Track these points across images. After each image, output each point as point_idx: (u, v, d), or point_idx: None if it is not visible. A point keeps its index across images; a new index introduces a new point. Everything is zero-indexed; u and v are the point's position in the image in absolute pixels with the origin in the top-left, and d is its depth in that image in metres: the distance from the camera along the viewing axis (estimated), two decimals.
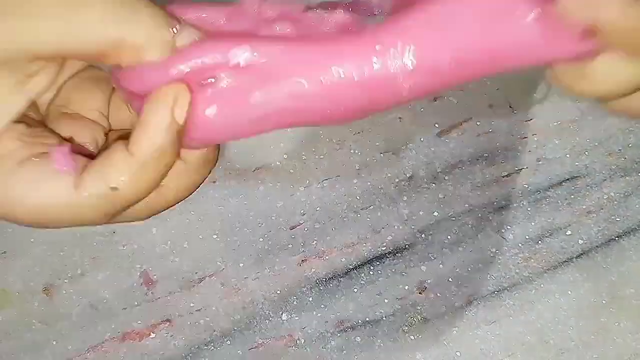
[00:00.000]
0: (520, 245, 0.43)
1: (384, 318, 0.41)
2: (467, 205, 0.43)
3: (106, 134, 0.28)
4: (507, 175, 0.44)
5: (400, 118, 0.44)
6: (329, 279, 0.42)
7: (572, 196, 0.43)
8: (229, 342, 0.41)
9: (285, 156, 0.44)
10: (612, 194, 0.44)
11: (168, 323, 0.41)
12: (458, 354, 0.41)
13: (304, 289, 0.42)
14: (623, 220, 0.43)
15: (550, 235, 0.43)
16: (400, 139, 0.44)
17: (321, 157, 0.44)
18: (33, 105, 0.27)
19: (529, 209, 0.43)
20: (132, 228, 0.42)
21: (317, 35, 0.25)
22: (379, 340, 0.41)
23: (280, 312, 0.41)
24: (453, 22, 0.23)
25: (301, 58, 0.24)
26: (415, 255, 0.42)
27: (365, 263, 0.42)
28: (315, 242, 0.42)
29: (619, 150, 0.44)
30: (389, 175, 0.44)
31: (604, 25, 0.23)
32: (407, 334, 0.41)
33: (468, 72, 0.24)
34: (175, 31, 0.24)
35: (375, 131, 0.44)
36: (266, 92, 0.24)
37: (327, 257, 0.42)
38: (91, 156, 0.26)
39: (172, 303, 0.41)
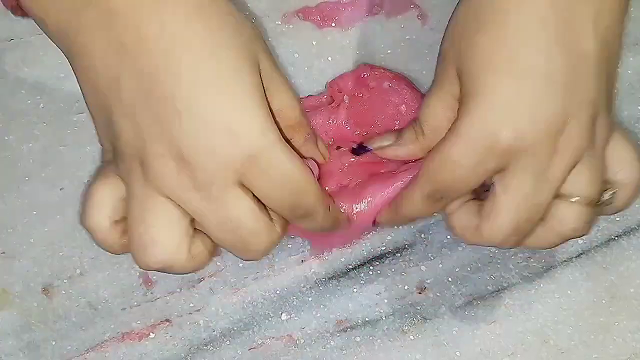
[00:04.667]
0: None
1: (384, 318, 0.41)
2: None
3: None
4: None
5: None
6: (329, 278, 0.42)
7: None
8: (228, 342, 0.41)
9: None
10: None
11: (167, 323, 0.41)
12: (458, 354, 0.41)
13: (304, 289, 0.42)
14: (623, 220, 0.43)
15: None
16: None
17: None
18: None
19: None
20: None
21: None
22: (378, 340, 0.41)
23: (280, 312, 0.41)
24: None
25: None
26: (415, 255, 0.42)
27: (364, 263, 0.42)
28: None
29: None
30: None
31: None
32: (406, 334, 0.41)
33: None
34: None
35: None
36: None
37: (326, 257, 0.42)
38: None
39: (172, 303, 0.41)
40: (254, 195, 0.33)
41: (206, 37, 0.32)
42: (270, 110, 0.34)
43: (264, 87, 0.34)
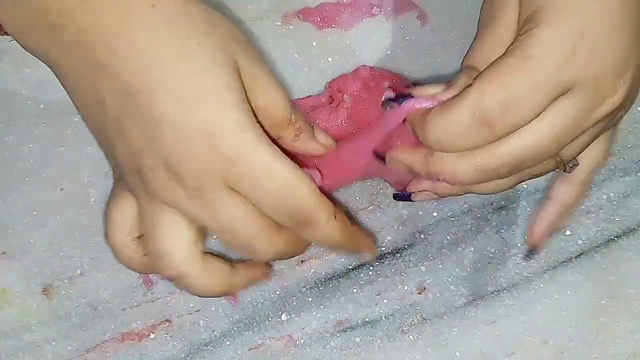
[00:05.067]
0: (519, 245, 0.43)
1: (384, 318, 0.41)
2: (466, 206, 0.43)
3: None
4: None
5: None
6: (329, 279, 0.42)
7: None
8: (228, 343, 0.41)
9: None
10: (612, 194, 0.44)
11: (167, 323, 0.41)
12: (458, 354, 0.41)
13: (304, 290, 0.42)
14: (622, 220, 0.43)
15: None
16: None
17: None
18: None
19: (528, 209, 0.43)
20: None
21: None
22: (378, 341, 0.41)
23: (280, 313, 0.41)
24: None
25: None
26: (415, 256, 0.42)
27: (364, 263, 0.42)
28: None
29: (619, 150, 0.44)
30: None
31: None
32: (406, 334, 0.41)
33: None
34: None
35: None
36: None
37: (326, 258, 0.42)
38: None
39: (172, 303, 0.41)
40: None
41: (174, 47, 0.32)
42: (255, 110, 0.34)
43: (245, 87, 0.33)
